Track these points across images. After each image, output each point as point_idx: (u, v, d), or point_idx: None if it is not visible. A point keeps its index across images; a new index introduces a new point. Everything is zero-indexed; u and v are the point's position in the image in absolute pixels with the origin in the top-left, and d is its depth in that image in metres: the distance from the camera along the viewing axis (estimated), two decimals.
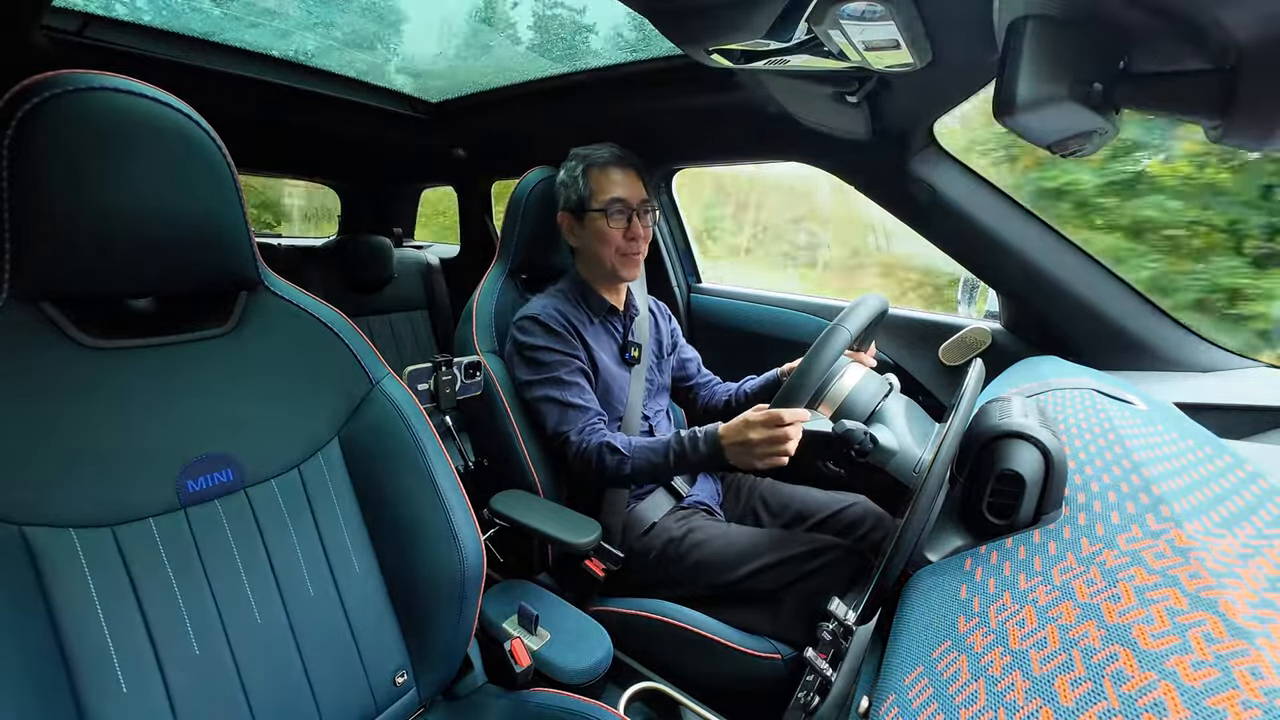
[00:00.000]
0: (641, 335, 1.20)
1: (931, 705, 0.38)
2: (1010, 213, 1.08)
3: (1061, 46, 0.48)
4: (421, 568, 0.71)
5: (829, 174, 1.26)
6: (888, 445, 0.82)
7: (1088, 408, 0.68)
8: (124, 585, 0.54)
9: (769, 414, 0.85)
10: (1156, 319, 1.02)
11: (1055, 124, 0.53)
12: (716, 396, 1.29)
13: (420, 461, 0.73)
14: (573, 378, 1.05)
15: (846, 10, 0.67)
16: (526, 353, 1.07)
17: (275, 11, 1.21)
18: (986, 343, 1.20)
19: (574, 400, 1.04)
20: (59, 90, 0.50)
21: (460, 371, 1.08)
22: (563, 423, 1.03)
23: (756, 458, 0.86)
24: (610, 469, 0.98)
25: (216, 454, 0.62)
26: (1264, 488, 0.51)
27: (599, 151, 1.12)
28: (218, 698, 0.58)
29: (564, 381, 1.05)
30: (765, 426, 0.85)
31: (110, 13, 1.15)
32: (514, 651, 0.81)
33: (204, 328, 0.64)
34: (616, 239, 1.09)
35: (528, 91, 1.52)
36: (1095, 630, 0.35)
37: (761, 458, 0.86)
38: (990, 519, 0.54)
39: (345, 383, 0.72)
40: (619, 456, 0.98)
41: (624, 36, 1.22)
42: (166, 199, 0.56)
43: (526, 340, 1.07)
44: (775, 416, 0.84)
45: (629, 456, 0.98)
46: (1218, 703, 0.28)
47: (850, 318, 0.88)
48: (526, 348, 1.07)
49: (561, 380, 1.05)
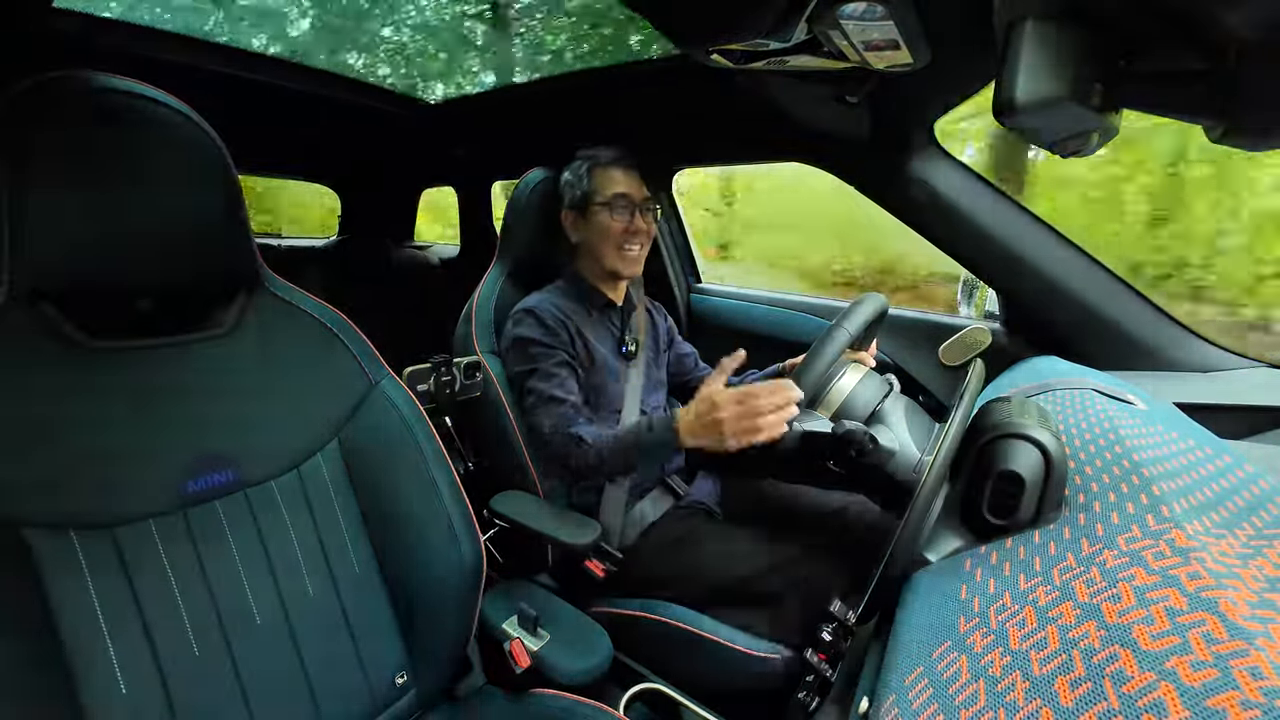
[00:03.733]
0: (639, 330, 1.21)
1: (931, 706, 0.38)
2: (1010, 213, 1.08)
3: (1061, 46, 0.48)
4: (421, 568, 0.71)
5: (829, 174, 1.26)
6: (888, 445, 0.82)
7: (1088, 408, 0.68)
8: (123, 586, 0.54)
9: (737, 391, 0.82)
10: (1156, 319, 1.02)
11: (1055, 124, 0.53)
12: None
13: (420, 462, 0.73)
14: (556, 370, 1.05)
15: (846, 10, 0.67)
16: (517, 345, 1.08)
17: (275, 11, 1.22)
18: (986, 343, 1.20)
19: (554, 393, 1.04)
20: (59, 91, 0.50)
21: (460, 372, 1.08)
22: (542, 414, 1.03)
23: (727, 435, 0.82)
24: (578, 459, 0.98)
25: (216, 454, 0.62)
26: (1264, 488, 0.51)
27: (603, 152, 1.14)
28: (217, 698, 0.58)
29: (547, 374, 1.05)
30: (735, 402, 0.82)
31: (110, 13, 1.15)
32: (514, 652, 0.80)
33: (204, 328, 0.64)
34: (618, 233, 1.10)
35: (528, 91, 1.52)
36: (1095, 630, 0.35)
37: (734, 435, 0.82)
38: (990, 519, 0.54)
39: (345, 383, 0.72)
40: (584, 447, 0.98)
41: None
42: (166, 199, 0.56)
43: (518, 333, 1.08)
44: (747, 393, 0.81)
45: (593, 445, 0.97)
46: (1218, 703, 0.28)
47: (850, 318, 0.88)
48: (518, 340, 1.08)
49: (545, 372, 1.05)
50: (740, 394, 0.82)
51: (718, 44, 0.82)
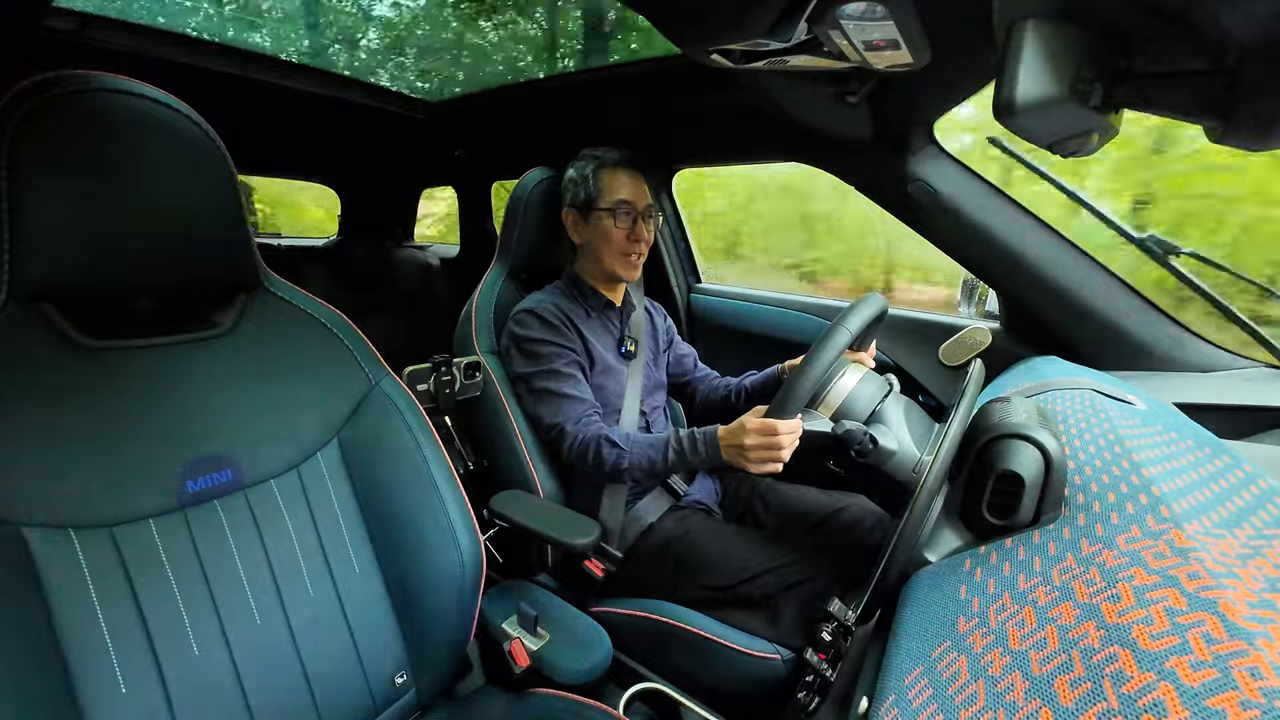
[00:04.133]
0: (638, 330, 1.21)
1: (931, 706, 0.38)
2: (1010, 213, 1.08)
3: (1061, 46, 0.48)
4: (421, 568, 0.71)
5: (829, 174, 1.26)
6: (887, 445, 0.82)
7: (1087, 408, 0.68)
8: (123, 586, 0.54)
9: (764, 423, 0.85)
10: (1156, 319, 1.02)
11: (1055, 124, 0.53)
12: (716, 392, 1.29)
13: (420, 462, 0.73)
14: (569, 370, 1.06)
15: (846, 10, 0.67)
16: (523, 345, 1.07)
17: (275, 11, 1.21)
18: (986, 343, 1.20)
19: (570, 392, 1.04)
20: (59, 91, 0.50)
21: (460, 372, 1.08)
22: (559, 414, 1.03)
23: (750, 462, 0.87)
24: (608, 462, 0.98)
25: (216, 454, 0.62)
26: (1263, 488, 0.51)
27: (609, 153, 1.13)
28: (216, 698, 0.58)
29: (560, 373, 1.05)
30: (760, 434, 0.85)
31: (110, 13, 1.15)
32: (514, 652, 0.81)
33: (204, 328, 0.64)
34: (620, 240, 1.10)
35: (528, 91, 1.52)
36: (1095, 630, 0.35)
37: (755, 463, 0.87)
38: (990, 519, 0.54)
39: (345, 383, 0.72)
40: (617, 450, 0.98)
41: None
42: (166, 199, 0.56)
43: (523, 333, 1.07)
44: (770, 426, 0.84)
45: (627, 450, 0.98)
46: (1217, 703, 0.28)
47: (850, 318, 0.88)
48: (523, 340, 1.07)
49: (558, 372, 1.05)
50: (764, 425, 0.86)
51: (718, 44, 0.82)
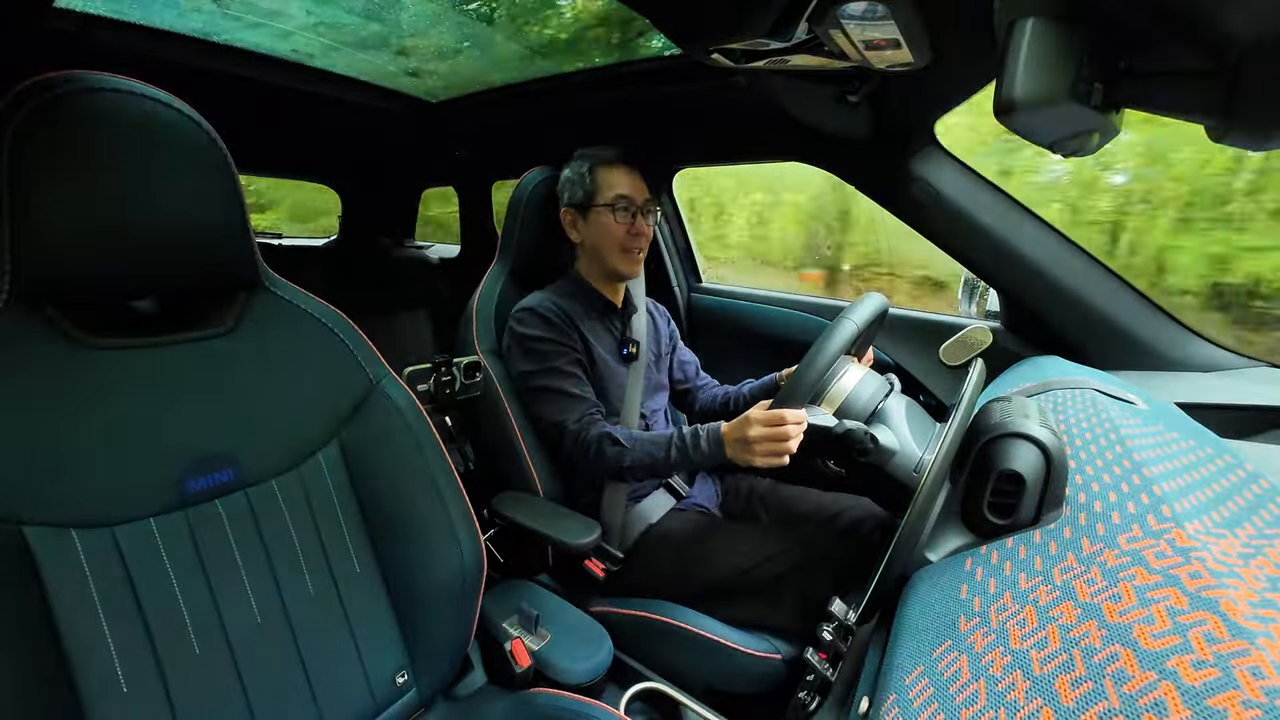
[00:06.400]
0: (639, 332, 1.20)
1: (932, 705, 0.38)
2: (1010, 212, 1.08)
3: (1061, 46, 0.48)
4: (422, 568, 0.71)
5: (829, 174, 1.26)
6: (888, 445, 0.82)
7: (1088, 407, 0.68)
8: (124, 585, 0.54)
9: (771, 413, 0.85)
10: (1157, 319, 1.02)
11: (1055, 124, 0.53)
12: (715, 399, 1.29)
13: (420, 462, 0.73)
14: (571, 368, 1.06)
15: (846, 10, 0.67)
16: (525, 344, 1.07)
17: (275, 11, 1.21)
18: (987, 343, 1.20)
19: (572, 390, 1.04)
20: (60, 91, 0.50)
21: (460, 372, 1.08)
22: (560, 412, 1.03)
23: (756, 455, 0.87)
24: (609, 459, 0.98)
25: (217, 454, 0.62)
26: (1264, 487, 0.51)
27: (605, 151, 1.13)
28: (217, 698, 0.58)
29: (562, 371, 1.05)
30: (766, 425, 0.85)
31: (110, 13, 1.15)
32: (514, 652, 0.81)
33: (204, 328, 0.64)
34: (620, 235, 1.10)
35: (528, 91, 1.52)
36: (1096, 630, 0.35)
37: (761, 455, 0.87)
38: (991, 519, 0.54)
39: (345, 383, 0.72)
40: (619, 447, 0.98)
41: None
42: (166, 199, 0.56)
43: (524, 331, 1.07)
44: (777, 416, 0.84)
45: (628, 448, 0.98)
46: (1218, 703, 0.28)
47: (855, 311, 0.89)
48: (525, 339, 1.07)
49: (560, 370, 1.05)
50: (770, 415, 0.86)
51: (718, 44, 0.82)
